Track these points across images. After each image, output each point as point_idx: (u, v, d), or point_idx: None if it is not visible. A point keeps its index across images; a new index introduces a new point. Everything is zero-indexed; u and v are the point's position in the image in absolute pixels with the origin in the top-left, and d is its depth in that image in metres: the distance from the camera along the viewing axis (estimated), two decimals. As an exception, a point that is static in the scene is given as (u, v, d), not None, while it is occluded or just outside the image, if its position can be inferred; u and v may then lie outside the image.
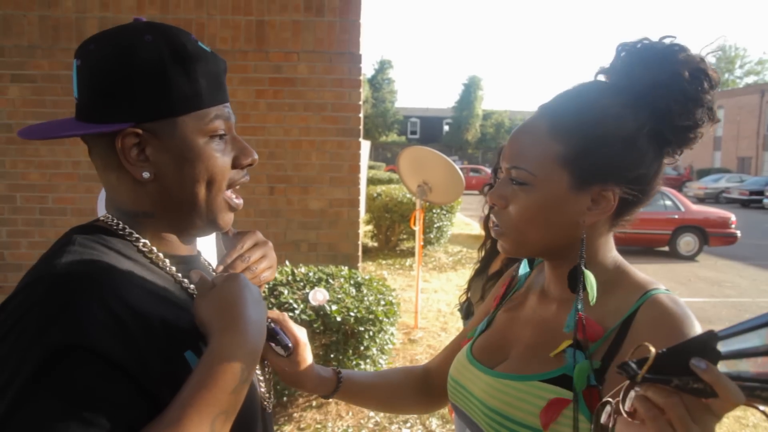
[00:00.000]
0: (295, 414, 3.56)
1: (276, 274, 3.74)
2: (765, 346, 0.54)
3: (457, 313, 5.86)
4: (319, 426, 3.47)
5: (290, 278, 3.74)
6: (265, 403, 0.92)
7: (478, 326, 1.06)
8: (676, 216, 10.40)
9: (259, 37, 4.37)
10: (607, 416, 0.66)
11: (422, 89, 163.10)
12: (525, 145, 0.86)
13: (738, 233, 10.53)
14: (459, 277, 7.97)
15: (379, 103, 45.53)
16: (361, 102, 4.53)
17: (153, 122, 0.75)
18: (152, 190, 0.78)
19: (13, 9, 4.25)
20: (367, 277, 3.96)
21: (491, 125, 49.18)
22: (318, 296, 3.38)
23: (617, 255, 0.91)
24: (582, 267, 0.84)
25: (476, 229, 12.35)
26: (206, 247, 0.96)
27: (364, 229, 10.45)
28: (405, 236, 9.91)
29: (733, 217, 10.62)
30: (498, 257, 2.02)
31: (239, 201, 0.85)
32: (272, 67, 4.40)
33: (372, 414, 3.64)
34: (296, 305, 3.36)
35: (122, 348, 0.64)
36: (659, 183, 0.88)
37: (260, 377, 0.94)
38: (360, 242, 4.70)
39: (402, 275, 8.03)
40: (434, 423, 3.57)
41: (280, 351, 0.97)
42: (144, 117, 0.74)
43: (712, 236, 10.43)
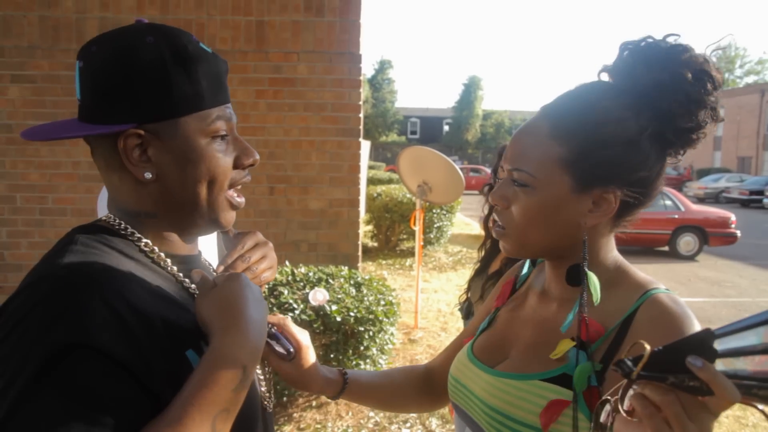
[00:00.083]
0: (295, 414, 3.56)
1: (276, 275, 3.73)
2: (762, 345, 0.54)
3: (457, 313, 5.86)
4: (319, 426, 3.48)
5: (290, 278, 3.74)
6: (266, 403, 0.93)
7: (480, 325, 1.06)
8: (676, 216, 10.40)
9: (259, 38, 4.38)
10: (606, 415, 0.66)
11: (422, 89, 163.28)
12: (526, 147, 0.86)
13: (738, 233, 10.52)
14: (459, 277, 7.97)
15: (379, 103, 45.54)
16: (361, 102, 4.53)
17: (155, 123, 0.75)
18: (154, 191, 0.79)
19: (13, 9, 4.25)
20: (367, 277, 3.96)
21: (491, 125, 49.18)
22: (318, 296, 3.38)
23: (618, 255, 0.91)
24: (584, 268, 0.84)
25: (476, 229, 12.35)
26: (207, 248, 0.96)
27: (364, 229, 10.45)
28: (405, 236, 9.91)
29: (733, 217, 10.62)
30: (498, 257, 2.02)
31: (241, 199, 0.85)
32: (272, 68, 4.40)
33: (372, 414, 3.64)
34: (296, 305, 3.36)
35: (124, 346, 0.64)
36: (661, 184, 0.87)
37: (260, 377, 0.95)
38: (360, 242, 4.70)
39: (402, 275, 8.03)
40: (434, 423, 3.57)
41: (283, 355, 0.97)
42: (146, 118, 0.75)
43: (712, 236, 10.43)
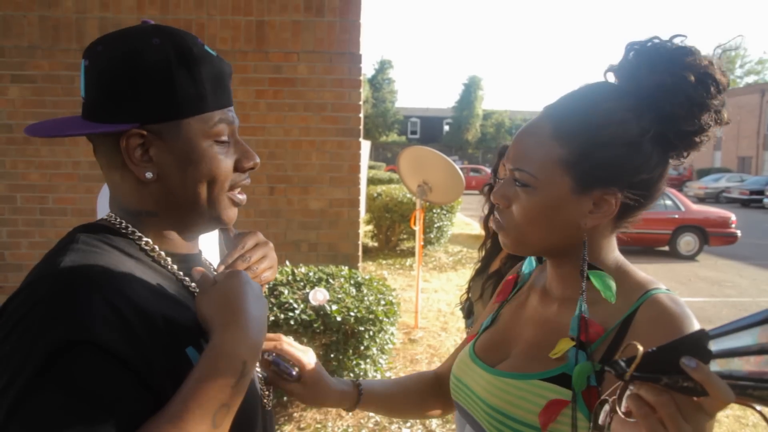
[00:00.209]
0: (295, 414, 3.56)
1: (276, 274, 3.73)
2: (757, 345, 0.54)
3: (458, 313, 5.87)
4: (319, 426, 3.48)
5: (290, 278, 3.75)
6: (265, 401, 0.93)
7: (482, 323, 1.07)
8: (677, 216, 10.40)
9: (259, 38, 4.38)
10: (605, 415, 0.66)
11: (422, 89, 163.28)
12: (528, 147, 0.86)
13: (738, 233, 10.52)
14: (459, 277, 7.97)
15: (380, 103, 45.54)
16: (361, 102, 4.53)
17: (158, 124, 0.76)
18: (155, 190, 0.79)
19: (13, 10, 4.25)
20: (368, 277, 3.96)
21: (491, 125, 49.18)
22: (318, 296, 3.39)
23: (619, 255, 0.91)
24: (585, 271, 0.85)
25: (476, 229, 12.35)
26: (208, 247, 0.96)
27: (365, 229, 10.45)
28: (405, 236, 9.91)
29: (734, 217, 10.62)
30: (497, 256, 2.02)
31: (242, 197, 0.86)
32: (272, 68, 4.40)
33: (371, 413, 3.64)
34: (296, 305, 3.36)
35: (125, 343, 0.65)
36: (663, 186, 0.87)
37: (259, 375, 0.95)
38: (360, 242, 4.70)
39: (402, 275, 8.03)
40: (434, 423, 3.57)
41: (288, 377, 0.98)
42: (149, 118, 0.76)
43: (713, 236, 10.43)
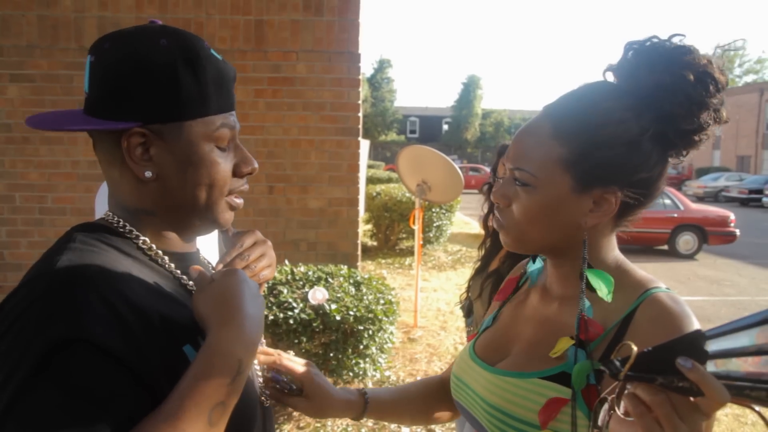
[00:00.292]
0: (295, 413, 3.56)
1: (275, 273, 3.73)
2: (754, 346, 0.54)
3: (457, 312, 5.87)
4: (319, 425, 3.48)
5: (289, 277, 3.75)
6: (263, 398, 0.93)
7: (483, 323, 1.07)
8: (676, 215, 10.40)
9: (258, 37, 4.37)
10: (604, 414, 0.66)
11: (421, 88, 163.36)
12: (528, 147, 0.87)
13: (737, 232, 10.53)
14: (458, 276, 7.97)
15: (379, 103, 45.54)
16: (360, 101, 4.53)
17: (160, 124, 0.77)
18: (154, 189, 0.80)
19: (12, 9, 4.24)
20: (367, 276, 3.96)
21: (490, 124, 49.19)
22: (317, 295, 3.39)
23: (619, 254, 0.91)
24: (585, 270, 0.85)
25: (475, 228, 12.35)
26: (207, 247, 0.96)
27: (364, 228, 10.45)
28: (404, 235, 9.91)
29: (732, 216, 10.63)
30: (497, 255, 2.02)
31: (239, 200, 0.86)
32: (271, 67, 4.40)
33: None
34: (295, 304, 3.36)
35: (121, 341, 0.65)
36: (663, 185, 0.88)
37: (258, 373, 0.95)
38: (359, 241, 4.70)
39: (401, 274, 8.03)
40: (434, 422, 3.57)
41: (290, 392, 0.98)
42: (152, 118, 0.76)
43: (712, 235, 10.44)
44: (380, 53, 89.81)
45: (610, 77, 0.89)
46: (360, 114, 4.53)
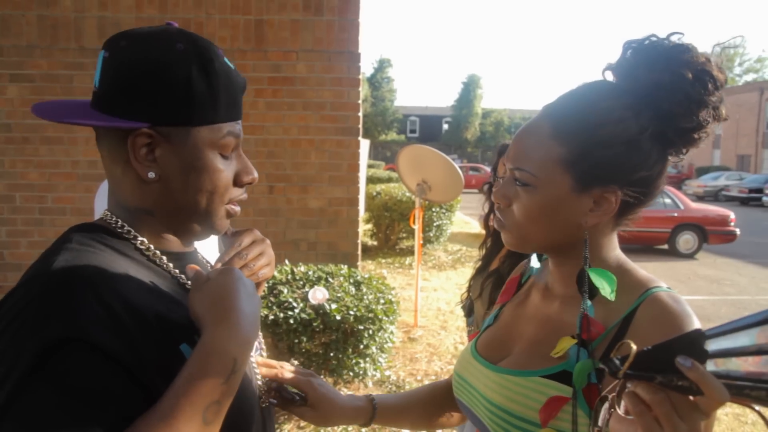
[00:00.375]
0: (295, 413, 3.56)
1: (275, 273, 3.74)
2: (754, 346, 0.54)
3: (457, 312, 5.88)
4: (319, 425, 3.48)
5: (290, 277, 3.75)
6: (262, 399, 0.93)
7: (485, 321, 1.07)
8: (676, 214, 10.41)
9: (258, 37, 4.37)
10: (604, 412, 0.66)
11: (421, 88, 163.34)
12: (528, 147, 0.87)
13: (737, 231, 10.54)
14: (458, 276, 7.97)
15: (379, 102, 45.54)
16: (360, 101, 4.53)
17: (168, 127, 0.77)
18: (155, 190, 0.80)
19: (12, 9, 4.24)
20: (367, 276, 3.96)
21: (490, 124, 49.20)
22: (317, 295, 3.39)
23: (620, 254, 0.92)
24: (586, 270, 0.85)
25: (476, 228, 12.35)
26: (207, 246, 0.96)
27: (364, 228, 10.45)
28: (404, 235, 9.91)
29: (733, 215, 10.63)
30: (497, 255, 2.02)
31: (237, 208, 0.87)
32: (271, 66, 4.40)
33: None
34: (296, 304, 3.36)
35: (116, 341, 0.65)
36: (663, 183, 0.88)
37: (257, 372, 0.95)
38: (359, 241, 4.70)
39: (401, 274, 8.03)
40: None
41: (295, 402, 0.98)
42: (161, 120, 0.76)
43: (712, 234, 10.44)
44: (380, 53, 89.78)
45: (610, 76, 0.89)
46: (360, 114, 4.53)
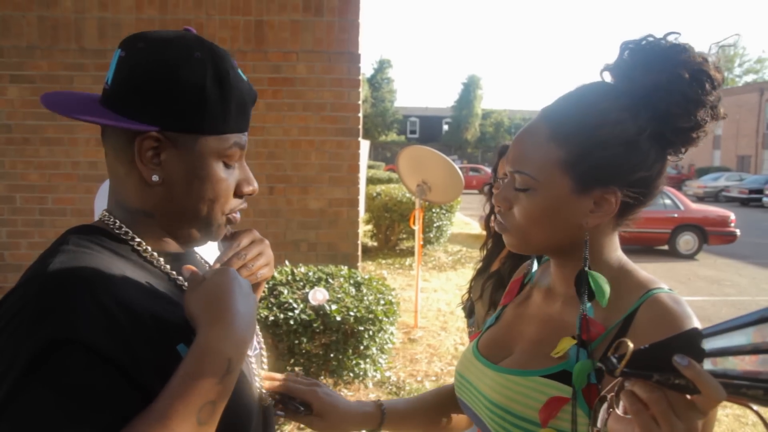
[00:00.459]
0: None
1: (276, 274, 3.74)
2: (751, 345, 0.54)
3: (458, 313, 5.88)
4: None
5: (290, 278, 3.75)
6: (262, 401, 0.93)
7: (487, 321, 1.07)
8: (676, 215, 10.41)
9: (258, 37, 4.38)
10: (603, 412, 0.66)
11: (421, 89, 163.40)
12: (527, 150, 0.87)
13: (737, 232, 10.54)
14: (459, 277, 7.97)
15: (379, 103, 45.56)
16: (361, 101, 4.54)
17: (177, 132, 0.77)
18: (157, 194, 0.80)
19: (12, 9, 4.25)
20: (367, 277, 3.97)
21: (490, 124, 49.22)
22: (318, 296, 3.39)
23: (622, 255, 0.92)
24: (587, 270, 0.85)
25: (476, 229, 12.36)
26: (207, 247, 0.96)
27: (364, 229, 10.45)
28: (404, 236, 9.91)
29: (733, 216, 10.63)
30: (498, 257, 2.02)
31: (237, 215, 0.88)
32: (271, 67, 4.40)
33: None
34: (296, 305, 3.36)
35: (112, 341, 0.66)
36: (662, 183, 0.88)
37: (255, 374, 0.95)
38: (359, 242, 4.71)
39: (402, 275, 8.03)
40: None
41: (301, 412, 0.98)
42: (171, 126, 0.77)
43: (712, 235, 10.44)
44: (380, 53, 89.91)
45: (607, 77, 0.89)
46: (360, 114, 4.53)
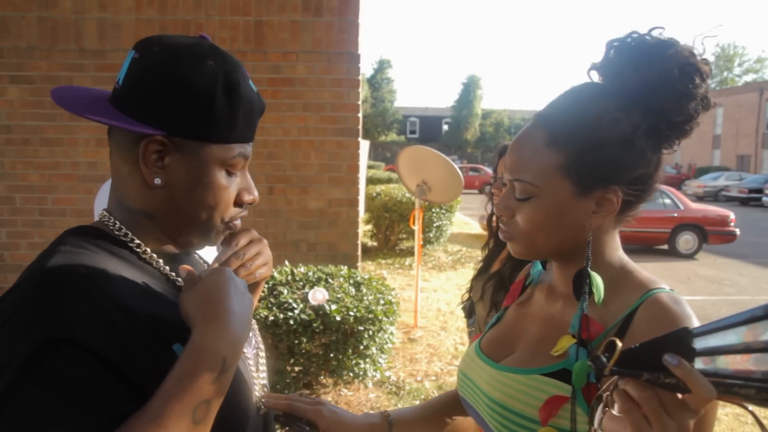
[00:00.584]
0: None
1: (275, 274, 3.74)
2: (742, 344, 0.55)
3: (457, 312, 5.88)
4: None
5: (290, 278, 3.75)
6: (259, 405, 0.93)
7: (489, 321, 1.08)
8: (676, 214, 10.41)
9: (258, 38, 4.38)
10: (599, 411, 0.66)
11: (421, 89, 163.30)
12: (525, 157, 0.87)
13: (737, 231, 10.54)
14: (458, 276, 7.97)
15: (378, 103, 45.53)
16: (360, 102, 4.54)
17: (183, 138, 0.78)
18: (159, 196, 0.81)
19: (12, 10, 4.25)
20: (367, 277, 3.97)
21: (490, 124, 49.20)
22: (317, 296, 3.39)
23: (623, 254, 0.92)
24: (587, 270, 0.85)
25: (475, 228, 12.36)
26: (206, 249, 0.96)
27: (364, 229, 10.45)
28: (404, 235, 9.91)
29: (732, 215, 10.63)
30: (498, 257, 2.02)
31: (238, 221, 0.89)
32: (271, 68, 4.40)
33: (371, 412, 3.64)
34: (296, 305, 3.36)
35: (107, 342, 0.66)
36: (660, 178, 0.89)
37: (254, 375, 0.94)
38: (359, 242, 4.71)
39: (401, 274, 8.03)
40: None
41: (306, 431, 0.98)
42: (178, 131, 0.78)
43: (712, 234, 10.44)
44: (380, 53, 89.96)
45: (595, 76, 0.89)
46: (360, 114, 4.53)
